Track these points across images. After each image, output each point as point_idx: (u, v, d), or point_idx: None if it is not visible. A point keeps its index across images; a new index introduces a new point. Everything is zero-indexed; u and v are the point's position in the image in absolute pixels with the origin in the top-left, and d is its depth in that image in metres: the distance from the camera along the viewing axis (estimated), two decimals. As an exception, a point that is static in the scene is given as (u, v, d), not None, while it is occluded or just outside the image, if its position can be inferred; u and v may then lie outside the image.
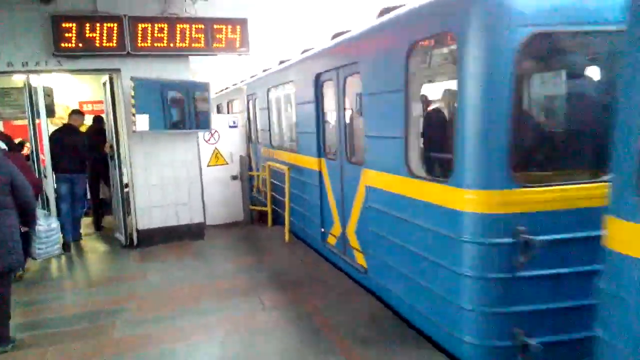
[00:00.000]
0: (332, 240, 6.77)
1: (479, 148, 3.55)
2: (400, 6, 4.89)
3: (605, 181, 2.57)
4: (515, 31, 3.37)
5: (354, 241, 5.98)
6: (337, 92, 6.22)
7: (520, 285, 3.57)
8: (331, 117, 6.63)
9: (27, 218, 4.87)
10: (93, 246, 8.34)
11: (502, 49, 3.41)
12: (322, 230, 6.99)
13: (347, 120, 6.16)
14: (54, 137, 7.82)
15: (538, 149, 4.02)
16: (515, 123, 3.47)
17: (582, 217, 3.44)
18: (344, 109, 6.16)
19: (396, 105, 4.49)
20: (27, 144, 8.51)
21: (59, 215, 7.72)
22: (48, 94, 7.89)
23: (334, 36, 6.63)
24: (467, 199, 3.63)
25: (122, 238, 8.14)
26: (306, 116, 7.18)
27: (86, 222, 9.30)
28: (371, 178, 5.17)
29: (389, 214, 4.80)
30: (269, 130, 9.44)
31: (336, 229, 6.55)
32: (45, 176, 7.83)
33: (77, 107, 9.79)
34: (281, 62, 8.99)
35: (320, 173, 6.89)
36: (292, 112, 8.23)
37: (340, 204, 6.31)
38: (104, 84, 7.91)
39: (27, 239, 6.25)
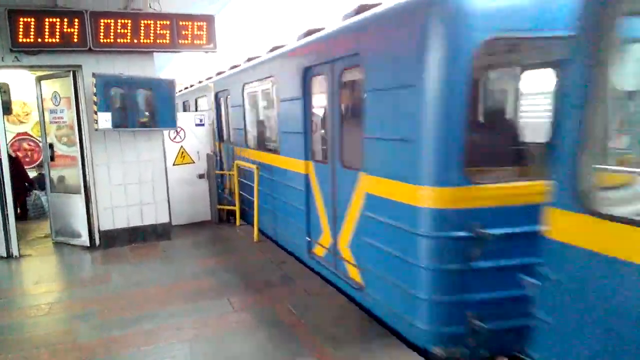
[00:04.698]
0: (320, 250, 6.16)
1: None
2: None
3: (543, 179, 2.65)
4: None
5: (347, 254, 5.41)
6: (330, 88, 5.57)
7: (473, 276, 3.84)
8: (322, 116, 6.03)
9: None
10: (53, 248, 8.07)
11: None
12: (308, 239, 6.38)
13: (342, 120, 5.48)
14: None
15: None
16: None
17: (531, 212, 3.15)
18: (339, 107, 5.49)
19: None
20: None
21: None
22: (4, 90, 7.57)
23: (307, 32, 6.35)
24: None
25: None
26: (291, 115, 6.52)
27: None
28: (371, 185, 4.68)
29: (371, 215, 4.62)
30: (245, 129, 8.83)
31: (325, 239, 5.95)
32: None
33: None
34: (250, 59, 8.76)
35: (307, 177, 6.26)
36: (273, 111, 7.68)
37: (331, 212, 5.72)
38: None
39: None
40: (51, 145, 8.11)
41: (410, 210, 4.06)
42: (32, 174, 10.82)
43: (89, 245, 7.91)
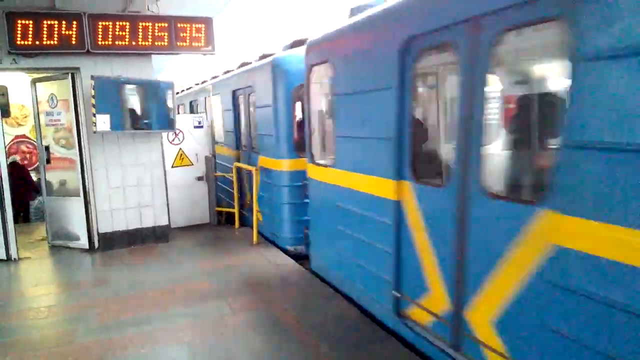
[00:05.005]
0: (244, 206, 9.26)
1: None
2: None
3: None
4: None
5: (256, 206, 8.25)
6: (244, 104, 9.10)
7: (304, 206, 6.87)
8: (242, 120, 9.52)
9: None
10: (52, 251, 8.06)
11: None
12: (240, 202, 9.30)
13: (249, 123, 8.99)
14: None
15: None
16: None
17: None
18: (248, 115, 9.00)
19: (270, 115, 7.52)
20: None
21: None
22: (2, 92, 7.57)
23: (242, 65, 9.68)
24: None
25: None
26: (229, 120, 9.92)
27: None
28: (266, 162, 7.94)
29: (264, 180, 8.01)
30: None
31: (248, 199, 8.99)
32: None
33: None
34: (213, 77, 11.77)
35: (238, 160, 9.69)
36: (220, 116, 10.68)
37: (249, 181, 8.79)
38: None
39: None
40: (47, 148, 8.08)
41: (277, 173, 7.51)
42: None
43: (87, 247, 7.91)
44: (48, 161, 8.11)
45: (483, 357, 3.39)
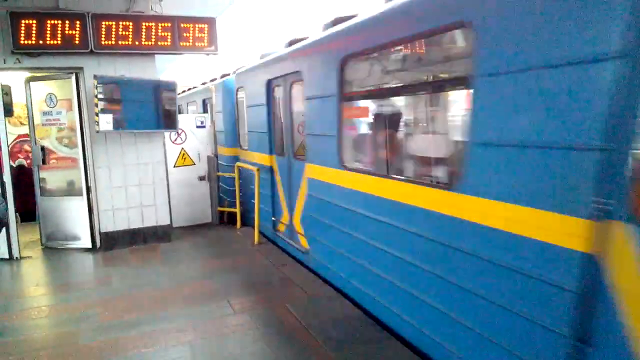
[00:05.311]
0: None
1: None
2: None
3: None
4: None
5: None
6: (210, 109, 11.57)
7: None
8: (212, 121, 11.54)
9: None
10: (53, 250, 8.07)
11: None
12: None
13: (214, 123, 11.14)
14: None
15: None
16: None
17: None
18: (212, 117, 11.05)
19: (229, 118, 10.09)
20: None
21: None
22: (6, 92, 7.57)
23: (213, 80, 12.05)
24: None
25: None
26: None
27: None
28: (221, 150, 10.37)
29: (222, 163, 10.17)
30: None
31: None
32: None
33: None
34: (194, 87, 14.90)
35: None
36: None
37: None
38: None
39: None
40: (42, 148, 7.98)
41: (227, 158, 9.82)
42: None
43: (90, 247, 7.93)
44: (44, 161, 8.02)
45: (298, 239, 6.91)
